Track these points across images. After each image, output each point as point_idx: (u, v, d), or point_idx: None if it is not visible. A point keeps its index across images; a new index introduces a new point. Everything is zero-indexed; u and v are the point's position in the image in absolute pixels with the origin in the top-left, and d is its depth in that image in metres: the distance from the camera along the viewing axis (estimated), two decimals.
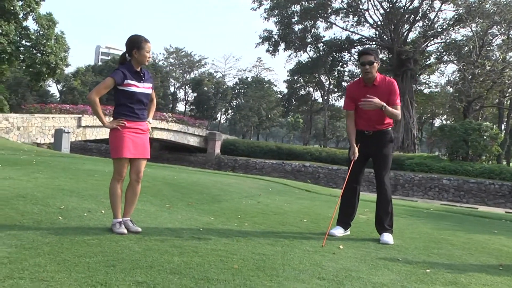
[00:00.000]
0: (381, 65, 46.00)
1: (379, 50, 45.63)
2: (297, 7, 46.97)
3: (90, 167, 8.94)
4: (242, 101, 68.76)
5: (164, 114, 36.42)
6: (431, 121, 65.63)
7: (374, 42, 44.89)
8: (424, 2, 41.68)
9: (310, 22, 47.74)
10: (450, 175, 28.38)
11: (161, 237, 3.94)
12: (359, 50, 6.49)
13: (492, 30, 38.96)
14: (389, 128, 4.83)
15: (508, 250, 4.75)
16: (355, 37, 47.01)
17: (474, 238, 5.33)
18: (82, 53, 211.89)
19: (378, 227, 4.77)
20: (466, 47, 40.23)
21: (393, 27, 42.67)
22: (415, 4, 42.15)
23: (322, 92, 56.38)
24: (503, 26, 38.34)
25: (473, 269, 3.80)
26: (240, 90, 71.08)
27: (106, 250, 3.37)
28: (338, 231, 4.77)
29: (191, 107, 70.75)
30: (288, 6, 46.31)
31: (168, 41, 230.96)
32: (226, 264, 3.26)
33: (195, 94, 69.79)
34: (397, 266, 3.63)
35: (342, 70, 51.70)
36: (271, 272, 3.16)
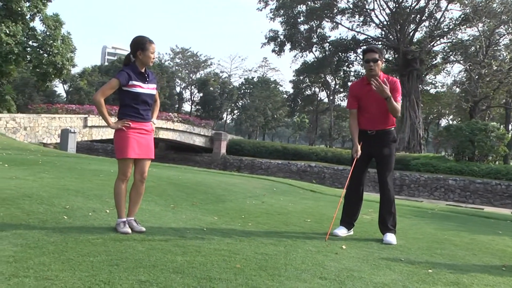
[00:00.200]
0: (387, 65, 46.14)
1: (385, 50, 45.53)
2: (303, 7, 46.93)
3: (95, 167, 8.99)
4: (248, 101, 68.72)
5: (170, 114, 36.53)
6: (437, 121, 65.39)
7: (380, 42, 44.73)
8: (430, 1, 41.47)
9: (316, 22, 47.66)
10: (456, 176, 28.23)
11: (164, 236, 3.97)
12: (364, 48, 6.52)
13: (499, 30, 38.71)
14: (392, 128, 4.83)
15: None
16: (361, 37, 46.93)
17: (478, 238, 5.33)
18: (88, 53, 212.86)
19: (381, 228, 4.78)
20: (473, 47, 40.00)
21: (399, 27, 42.51)
22: (421, 4, 42.01)
23: (328, 92, 56.33)
24: (511, 26, 38.08)
25: (475, 269, 3.80)
26: (246, 90, 71.06)
27: (110, 249, 3.40)
28: (342, 231, 4.78)
29: (197, 107, 70.83)
30: (294, 6, 46.27)
31: (174, 41, 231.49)
32: (228, 263, 3.29)
33: (201, 94, 69.86)
34: (399, 266, 3.64)
35: (348, 70, 51.56)
36: (273, 271, 3.18)
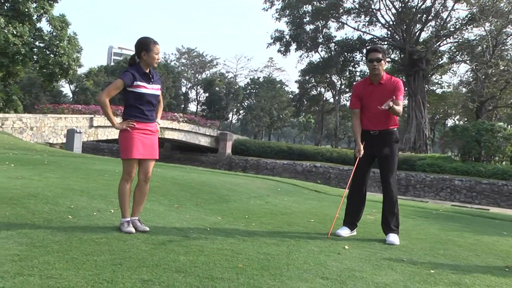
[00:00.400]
0: (393, 65, 46.00)
1: (391, 50, 45.40)
2: (308, 7, 46.91)
3: (100, 167, 9.03)
4: (254, 101, 68.78)
5: (175, 114, 36.64)
6: (444, 121, 65.07)
7: (386, 42, 44.61)
8: (436, 1, 41.27)
9: (321, 22, 47.60)
10: (462, 176, 28.10)
11: (168, 236, 4.00)
12: (367, 47, 6.52)
13: (506, 29, 38.49)
14: (394, 128, 4.84)
15: None
16: (367, 37, 46.80)
17: (482, 239, 5.31)
18: (94, 53, 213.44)
19: (384, 228, 4.79)
20: (479, 47, 39.78)
21: (405, 27, 42.36)
22: (428, 3, 41.83)
23: (334, 92, 56.18)
24: None
25: (478, 270, 3.79)
26: (251, 90, 71.09)
27: (114, 248, 3.44)
28: (344, 232, 4.79)
29: (203, 107, 70.95)
30: (299, 6, 46.27)
31: (180, 41, 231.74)
32: (231, 263, 3.31)
33: (207, 94, 69.94)
34: (401, 267, 3.65)
35: (354, 70, 51.40)
36: (275, 271, 3.20)
